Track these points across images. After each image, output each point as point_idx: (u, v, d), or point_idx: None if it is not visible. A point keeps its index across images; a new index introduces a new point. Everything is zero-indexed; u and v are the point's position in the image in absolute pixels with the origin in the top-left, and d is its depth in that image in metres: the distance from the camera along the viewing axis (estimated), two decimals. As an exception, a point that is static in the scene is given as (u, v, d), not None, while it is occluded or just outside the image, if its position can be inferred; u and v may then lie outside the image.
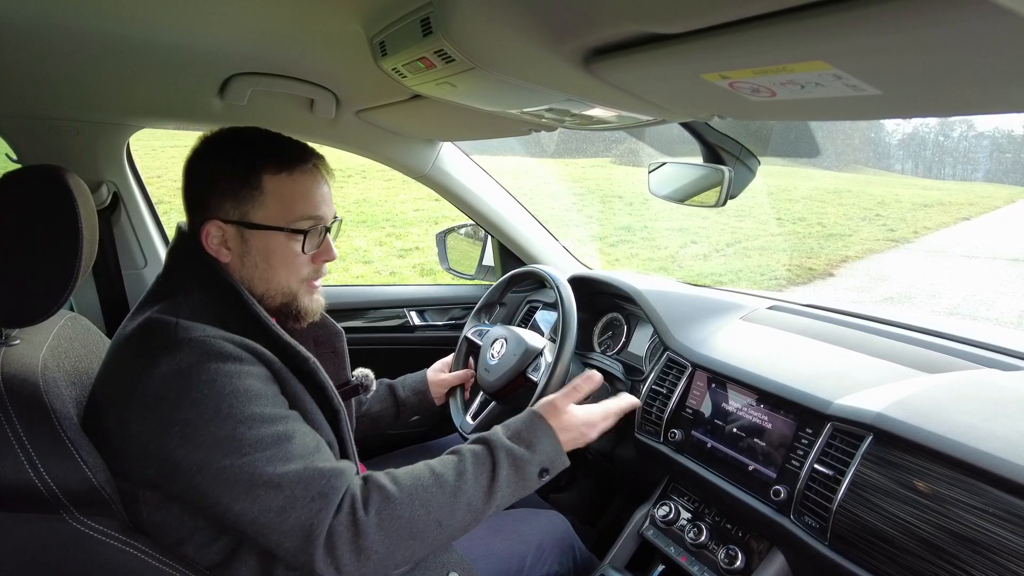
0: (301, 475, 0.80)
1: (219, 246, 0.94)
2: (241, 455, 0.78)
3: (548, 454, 0.97)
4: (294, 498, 0.79)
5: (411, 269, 6.71)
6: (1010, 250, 9.29)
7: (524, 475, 0.94)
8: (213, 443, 0.78)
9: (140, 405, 0.80)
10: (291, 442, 0.82)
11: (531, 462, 0.94)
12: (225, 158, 0.93)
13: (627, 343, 1.62)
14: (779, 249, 8.98)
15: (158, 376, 0.80)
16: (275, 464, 0.79)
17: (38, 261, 0.82)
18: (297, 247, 0.95)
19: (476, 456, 0.93)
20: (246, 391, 0.81)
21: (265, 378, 0.86)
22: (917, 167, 21.75)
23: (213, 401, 0.79)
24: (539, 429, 0.99)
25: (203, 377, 0.79)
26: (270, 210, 0.93)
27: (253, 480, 0.78)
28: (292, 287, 0.97)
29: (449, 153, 1.77)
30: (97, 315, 1.63)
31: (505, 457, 0.93)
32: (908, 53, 0.39)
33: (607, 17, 0.54)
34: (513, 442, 0.96)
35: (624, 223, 9.72)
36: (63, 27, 0.92)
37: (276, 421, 0.82)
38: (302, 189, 0.95)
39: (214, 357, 0.81)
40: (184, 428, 0.78)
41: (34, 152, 1.45)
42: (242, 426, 0.79)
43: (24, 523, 0.79)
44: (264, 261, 0.94)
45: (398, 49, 0.80)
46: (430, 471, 0.89)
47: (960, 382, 1.03)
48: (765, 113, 0.68)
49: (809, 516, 0.99)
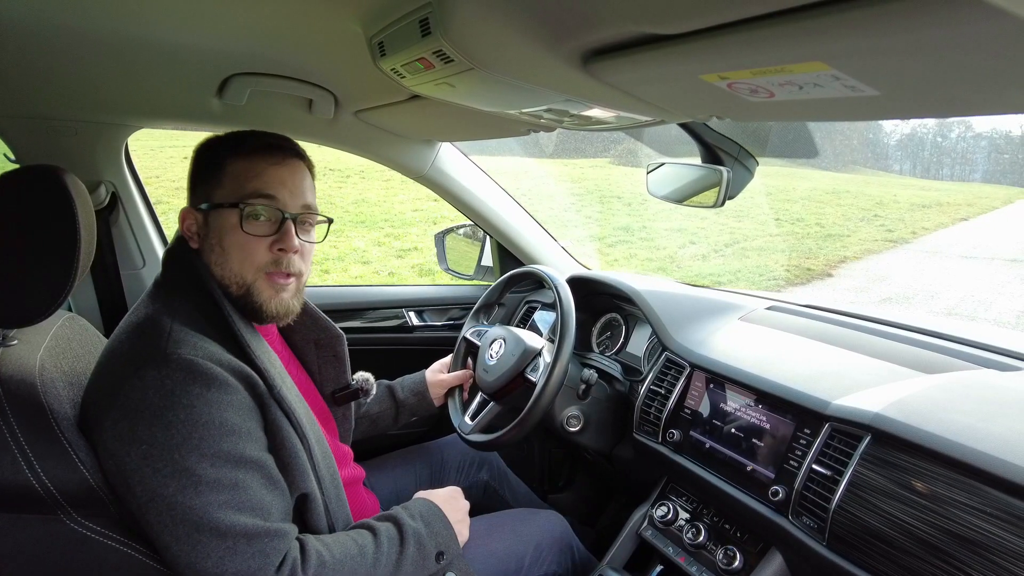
0: (248, 530, 0.80)
1: (192, 234, 0.96)
2: (196, 494, 0.78)
3: (441, 536, 1.02)
4: (235, 551, 0.79)
5: (410, 269, 6.70)
6: (1008, 251, 9.30)
7: (424, 553, 0.98)
8: (172, 472, 0.77)
9: (117, 412, 0.80)
10: (247, 492, 0.82)
11: (428, 543, 0.99)
12: (200, 150, 0.98)
13: (625, 343, 1.62)
14: (777, 250, 8.99)
15: (140, 388, 0.79)
16: (225, 512, 0.79)
17: (36, 261, 0.82)
18: (249, 227, 0.92)
19: (388, 533, 0.97)
20: (221, 424, 0.80)
21: (247, 409, 0.85)
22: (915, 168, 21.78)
23: (186, 428, 0.78)
24: (434, 513, 1.05)
25: (183, 400, 0.79)
26: (225, 189, 0.94)
27: (200, 524, 0.78)
28: (246, 276, 0.93)
29: (448, 153, 1.77)
30: (95, 316, 1.62)
31: (411, 534, 0.98)
32: (906, 54, 0.39)
33: (606, 18, 0.54)
34: (416, 521, 1.01)
35: (623, 223, 9.73)
36: (61, 27, 0.92)
37: (240, 464, 0.82)
38: (258, 169, 0.94)
39: (199, 380, 0.80)
40: (150, 448, 0.78)
41: (32, 152, 1.45)
42: (205, 462, 0.79)
43: (22, 524, 0.79)
44: (219, 243, 0.94)
45: (397, 49, 0.80)
46: (354, 543, 0.92)
47: (958, 382, 1.04)
48: (763, 114, 0.68)
49: (807, 516, 0.99)
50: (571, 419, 1.39)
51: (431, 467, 1.48)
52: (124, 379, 0.81)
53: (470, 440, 1.37)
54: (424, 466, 1.48)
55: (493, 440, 1.31)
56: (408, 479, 1.43)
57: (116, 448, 0.79)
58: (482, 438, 1.34)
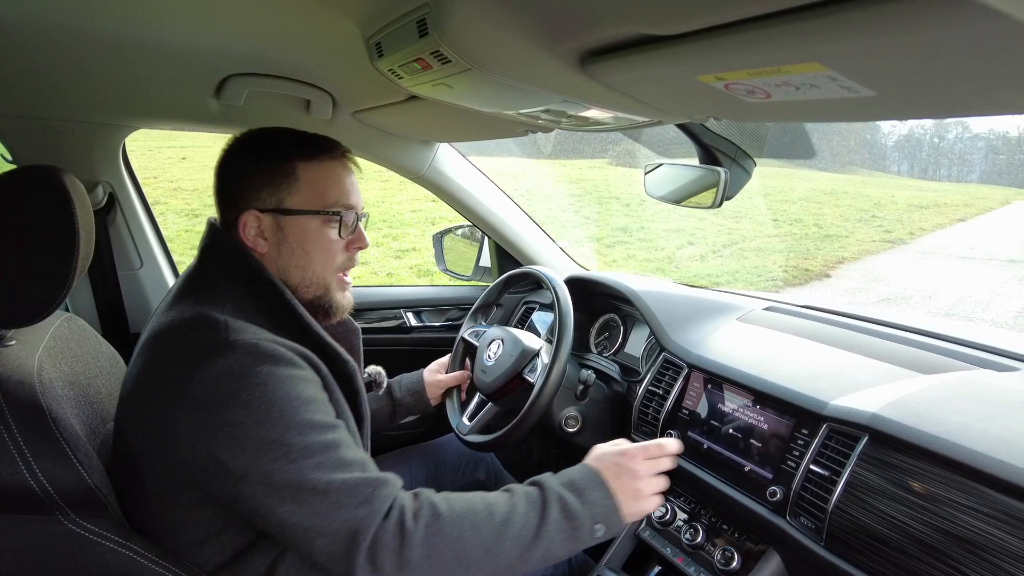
0: (348, 483, 0.79)
1: (256, 236, 0.95)
2: (289, 460, 0.78)
3: (600, 505, 0.91)
4: (340, 504, 0.78)
5: (408, 270, 6.70)
6: (1005, 251, 9.32)
7: (576, 523, 0.89)
8: (262, 447, 0.77)
9: (190, 404, 0.79)
10: (339, 450, 0.82)
11: (581, 513, 0.90)
12: (258, 152, 0.96)
13: (623, 344, 1.62)
14: (775, 250, 9.00)
15: (210, 376, 0.79)
16: (323, 471, 0.79)
17: (34, 262, 0.81)
18: (332, 232, 0.97)
19: (528, 494, 0.91)
20: (298, 396, 0.81)
21: (317, 384, 0.86)
22: (913, 168, 21.82)
23: (264, 404, 0.78)
24: (591, 479, 0.94)
25: (255, 380, 0.79)
26: (304, 195, 0.95)
27: (300, 485, 0.77)
28: (327, 277, 0.98)
29: (446, 154, 1.77)
30: (92, 316, 1.62)
31: (556, 499, 0.90)
32: (902, 55, 0.39)
33: (603, 18, 0.54)
34: (564, 488, 0.92)
35: (621, 224, 9.73)
36: (58, 26, 0.92)
37: (326, 429, 0.82)
38: (333, 175, 0.97)
39: (266, 360, 0.81)
40: (234, 430, 0.77)
41: (29, 152, 1.44)
42: (291, 431, 0.79)
43: (19, 524, 0.79)
44: (300, 248, 0.96)
45: (394, 50, 0.80)
46: (481, 499, 0.88)
47: (955, 383, 1.04)
48: (760, 114, 0.69)
49: (805, 517, 0.99)
50: (569, 420, 1.39)
51: (427, 467, 1.49)
52: (190, 372, 0.80)
53: (468, 441, 1.37)
54: (420, 466, 1.48)
55: (491, 441, 1.31)
56: (404, 479, 1.43)
57: (200, 438, 0.79)
58: (480, 439, 1.34)
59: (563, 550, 0.89)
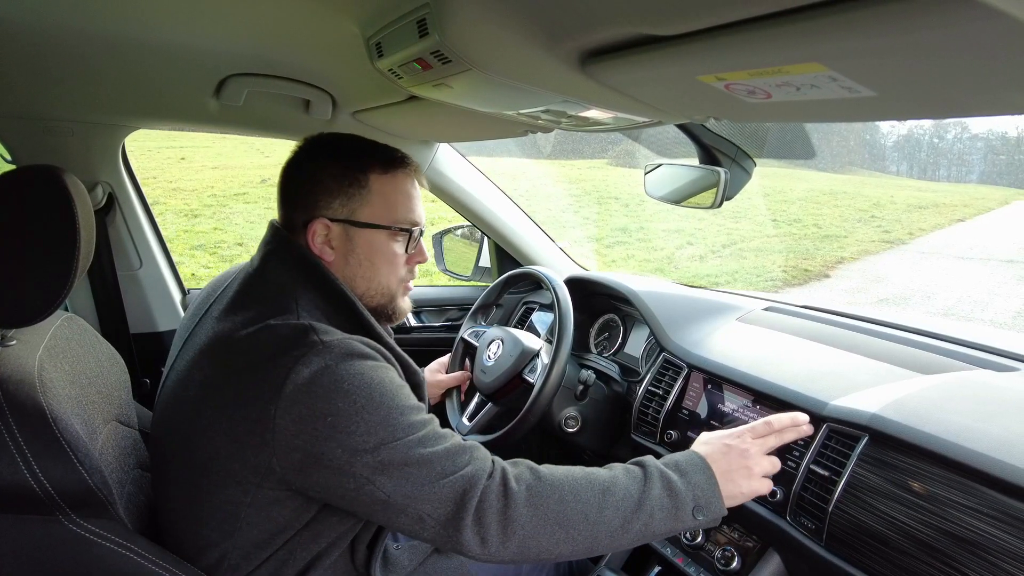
0: (450, 451, 0.83)
1: (323, 245, 0.95)
2: (395, 438, 0.80)
3: (701, 488, 0.90)
4: (444, 471, 0.81)
5: (407, 270, 6.69)
6: (1004, 251, 9.32)
7: (677, 502, 0.88)
8: (367, 429, 0.79)
9: (289, 399, 0.79)
10: (434, 427, 0.85)
11: (683, 492, 0.89)
12: (334, 158, 0.96)
13: (623, 344, 1.62)
14: (775, 250, 9.00)
15: (307, 372, 0.80)
16: (426, 445, 0.82)
17: (35, 262, 0.81)
18: (398, 247, 0.99)
19: (628, 469, 0.92)
20: (391, 381, 0.84)
21: (398, 376, 0.89)
22: (912, 169, 21.82)
23: (364, 391, 0.81)
24: (694, 463, 0.93)
25: (351, 371, 0.81)
26: (376, 208, 0.96)
27: (407, 459, 0.80)
28: (392, 287, 1.01)
29: (446, 154, 1.77)
30: (92, 316, 1.62)
31: (658, 476, 0.90)
32: (903, 55, 0.39)
33: (603, 19, 0.54)
34: (666, 466, 0.92)
35: (620, 224, 9.73)
36: (58, 26, 0.92)
37: (420, 410, 0.85)
38: (404, 190, 0.99)
39: (357, 355, 0.83)
40: (335, 418, 0.79)
41: (28, 152, 1.44)
42: (394, 412, 0.81)
43: (20, 524, 0.78)
44: (368, 260, 0.97)
45: (394, 50, 0.80)
46: (581, 469, 0.91)
47: (955, 383, 1.04)
48: (761, 115, 0.69)
49: (805, 517, 0.99)
50: (569, 420, 1.39)
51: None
52: (284, 369, 0.80)
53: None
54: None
55: (490, 441, 1.31)
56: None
57: (299, 430, 0.79)
58: (480, 439, 1.34)
59: (663, 527, 0.88)
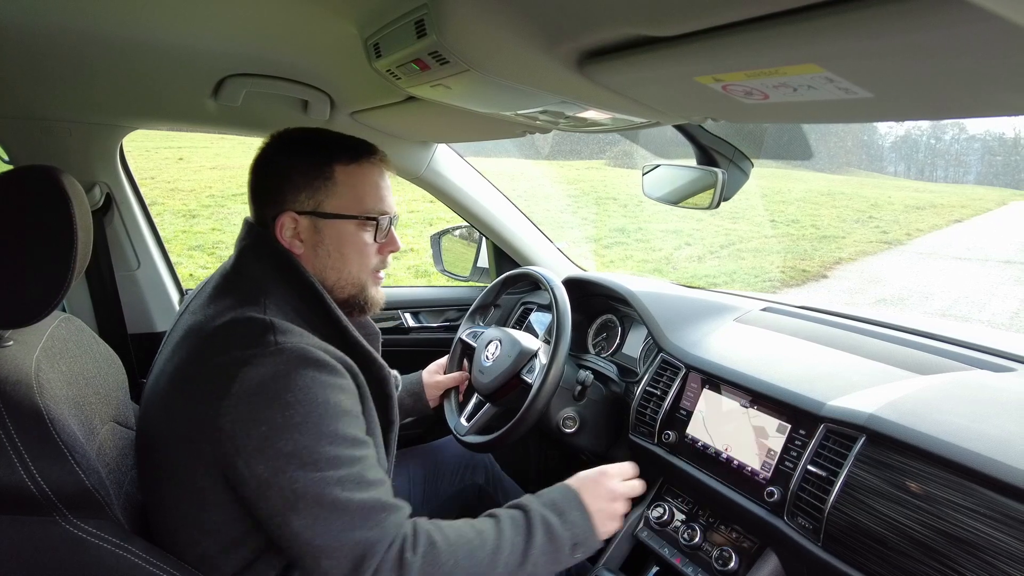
0: (365, 504, 0.81)
1: (292, 238, 0.96)
2: (316, 469, 0.79)
3: (579, 527, 0.96)
4: (354, 525, 0.80)
5: (406, 271, 6.70)
6: (1001, 252, 9.34)
7: (557, 545, 0.93)
8: (292, 450, 0.79)
9: (234, 400, 0.80)
10: (363, 469, 0.83)
11: (562, 535, 0.94)
12: (299, 152, 0.97)
13: (621, 345, 1.62)
14: (773, 251, 9.01)
15: (256, 375, 0.80)
16: (344, 487, 0.80)
17: (32, 262, 0.81)
18: (367, 236, 0.99)
19: (513, 519, 0.94)
20: (336, 405, 0.83)
21: (354, 395, 0.88)
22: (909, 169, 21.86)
23: (304, 408, 0.80)
24: (571, 500, 0.99)
25: (299, 383, 0.80)
26: (343, 199, 0.96)
27: (320, 499, 0.79)
28: (362, 277, 1.01)
29: (444, 155, 1.77)
30: (89, 317, 1.62)
31: (540, 522, 0.93)
32: (899, 57, 0.39)
33: (601, 20, 0.54)
34: (547, 509, 0.96)
35: (618, 225, 9.74)
36: (56, 27, 0.92)
37: (355, 444, 0.84)
38: (371, 180, 0.99)
39: (312, 365, 0.82)
40: (270, 429, 0.79)
41: (26, 153, 1.44)
42: (324, 440, 0.80)
43: (17, 525, 0.78)
44: (337, 251, 0.97)
45: (392, 51, 0.80)
46: (471, 527, 0.91)
47: (952, 383, 1.04)
48: (758, 116, 0.69)
49: (802, 517, 0.99)
50: (567, 420, 1.39)
51: (425, 469, 1.48)
52: (235, 368, 0.81)
53: (465, 441, 1.37)
54: (418, 468, 1.48)
55: (489, 441, 1.31)
56: (402, 481, 1.43)
57: (235, 431, 0.79)
58: (478, 439, 1.34)
59: (545, 571, 0.93)
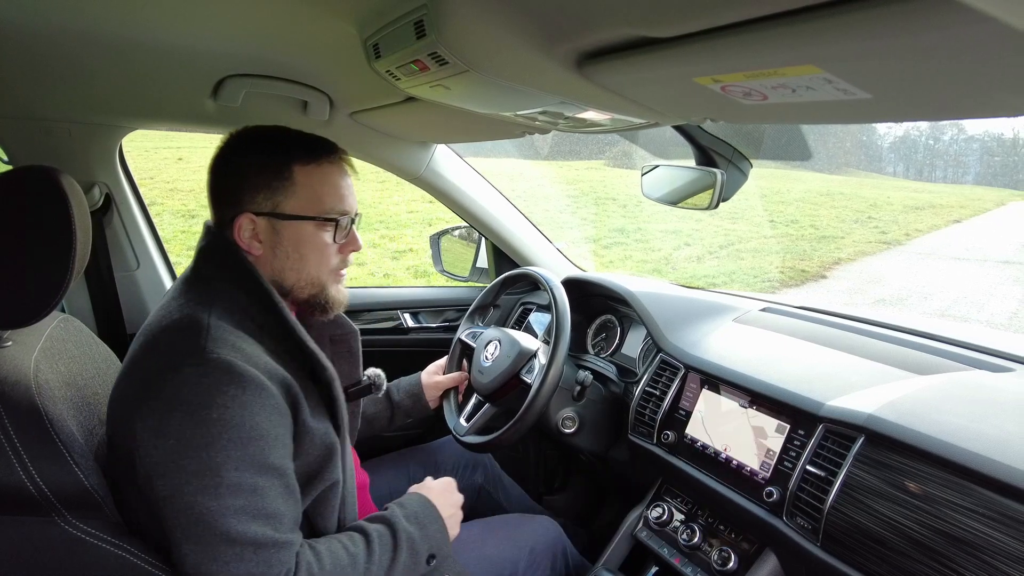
0: (257, 539, 0.80)
1: (251, 239, 0.95)
2: (215, 496, 0.78)
3: (435, 539, 1.01)
4: (242, 558, 0.79)
5: (405, 271, 6.69)
6: (1000, 252, 9.35)
7: (416, 559, 0.97)
8: (196, 470, 0.78)
9: (151, 405, 0.80)
10: (264, 499, 0.82)
11: (421, 547, 0.98)
12: (256, 152, 0.96)
13: (620, 345, 1.62)
14: (772, 251, 9.02)
15: (177, 383, 0.80)
16: (239, 518, 0.79)
17: (31, 263, 0.81)
18: (327, 237, 0.98)
19: (382, 538, 0.96)
20: (251, 428, 0.81)
21: (278, 414, 0.86)
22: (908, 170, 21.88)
23: (216, 428, 0.79)
24: (430, 514, 1.03)
25: (218, 400, 0.80)
26: (301, 200, 0.95)
27: (213, 526, 0.78)
28: (322, 278, 0.99)
29: (443, 155, 1.77)
30: (89, 317, 1.62)
31: (404, 540, 0.97)
32: (896, 58, 0.40)
33: (600, 21, 0.54)
34: (410, 523, 0.99)
35: (618, 225, 9.74)
36: (56, 27, 0.92)
37: (263, 471, 0.82)
38: (331, 180, 0.97)
39: (235, 381, 0.81)
40: (178, 444, 0.78)
41: (25, 153, 1.44)
42: (229, 464, 0.79)
43: (15, 526, 0.78)
44: (295, 251, 0.96)
45: (392, 51, 0.80)
46: (346, 552, 0.91)
47: (950, 384, 1.04)
48: (757, 116, 0.69)
49: (801, 517, 0.99)
50: (566, 421, 1.39)
51: (426, 469, 1.48)
52: (161, 373, 0.81)
53: (465, 442, 1.37)
54: (419, 468, 1.48)
55: (488, 442, 1.31)
56: (402, 481, 1.43)
57: (145, 439, 0.79)
58: (477, 440, 1.35)
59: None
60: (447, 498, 1.08)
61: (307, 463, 0.91)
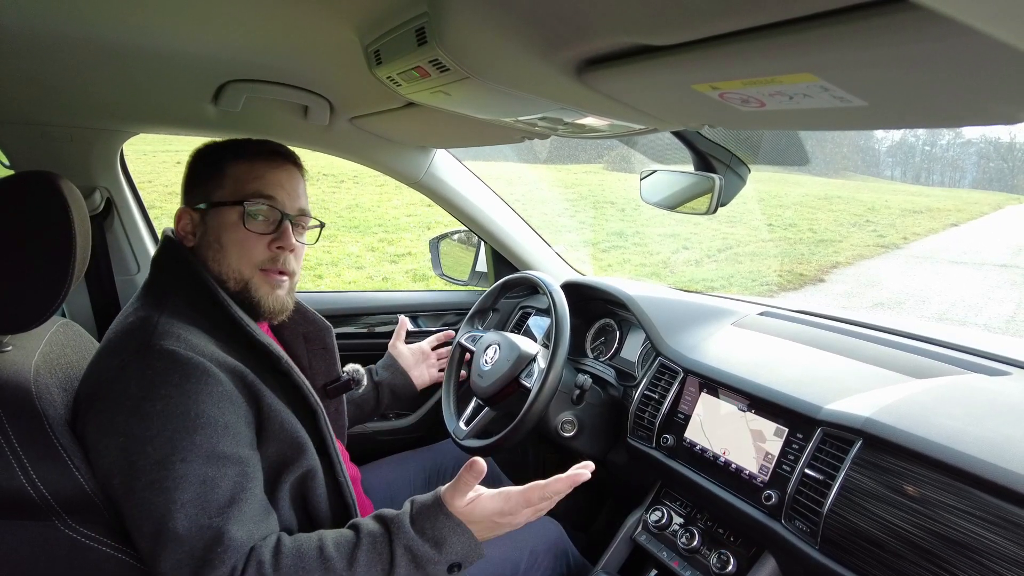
0: (204, 534, 0.78)
1: (186, 232, 0.99)
2: (163, 490, 0.77)
3: (460, 550, 0.86)
4: (191, 554, 0.77)
5: (404, 275, 6.69)
6: (997, 256, 9.38)
7: (427, 572, 0.85)
8: (144, 465, 0.78)
9: (99, 404, 0.81)
10: (215, 490, 0.80)
11: (437, 561, 0.85)
12: (202, 155, 1.02)
13: (619, 349, 1.63)
14: (770, 255, 9.03)
15: (122, 380, 0.81)
16: (188, 512, 0.78)
17: (31, 267, 0.82)
18: (250, 225, 0.97)
19: (374, 542, 0.85)
20: (196, 416, 0.80)
21: (228, 402, 0.84)
22: (906, 174, 21.95)
23: (161, 420, 0.79)
24: (448, 524, 0.87)
25: (161, 391, 0.80)
26: (226, 190, 0.98)
27: (163, 522, 0.77)
28: (243, 272, 0.97)
29: (443, 160, 1.77)
30: (89, 321, 1.62)
31: (403, 553, 0.84)
32: (891, 68, 0.40)
33: (599, 29, 0.55)
34: (418, 535, 0.86)
35: (616, 229, 9.75)
36: (57, 33, 0.92)
37: (212, 460, 0.80)
38: (259, 171, 0.99)
39: (178, 370, 0.81)
40: (127, 441, 0.79)
41: (27, 158, 1.44)
42: (176, 456, 0.78)
43: (15, 530, 0.79)
44: (216, 240, 0.97)
45: (393, 58, 0.81)
46: (319, 553, 0.83)
47: (948, 387, 1.05)
48: (755, 123, 0.69)
49: (800, 520, 1.00)
50: (565, 424, 1.39)
51: (426, 471, 1.49)
52: (108, 372, 0.83)
53: (464, 445, 1.37)
54: (419, 470, 1.48)
55: (487, 445, 1.31)
56: (402, 483, 1.43)
57: (97, 440, 0.81)
58: (476, 443, 1.35)
59: None
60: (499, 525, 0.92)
61: (277, 451, 0.91)
